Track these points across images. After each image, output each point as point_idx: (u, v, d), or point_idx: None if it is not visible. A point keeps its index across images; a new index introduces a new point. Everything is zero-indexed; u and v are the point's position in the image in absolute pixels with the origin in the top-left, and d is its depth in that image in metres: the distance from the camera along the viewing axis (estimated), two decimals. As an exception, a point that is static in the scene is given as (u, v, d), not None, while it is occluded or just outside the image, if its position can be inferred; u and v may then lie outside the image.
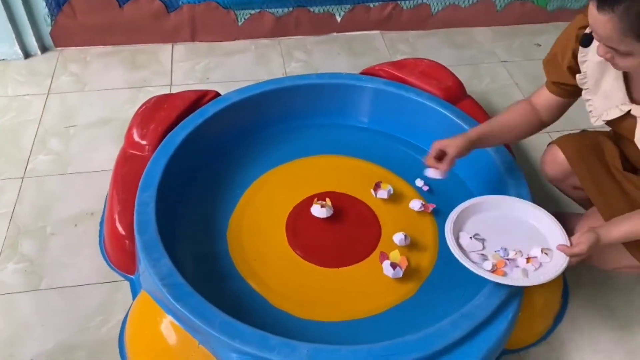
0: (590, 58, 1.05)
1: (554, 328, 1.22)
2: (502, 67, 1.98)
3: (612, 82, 1.03)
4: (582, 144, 1.20)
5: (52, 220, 1.39)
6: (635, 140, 1.03)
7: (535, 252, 1.10)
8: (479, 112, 1.52)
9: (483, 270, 1.07)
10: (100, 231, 1.37)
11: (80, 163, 1.54)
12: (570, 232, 1.11)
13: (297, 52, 2.00)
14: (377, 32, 2.11)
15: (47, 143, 1.60)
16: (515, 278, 1.07)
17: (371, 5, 2.04)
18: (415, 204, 1.35)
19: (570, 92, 1.13)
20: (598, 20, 0.86)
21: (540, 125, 1.19)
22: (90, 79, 1.84)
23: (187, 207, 1.34)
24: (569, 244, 1.08)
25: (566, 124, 1.34)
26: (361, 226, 1.34)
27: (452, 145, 1.14)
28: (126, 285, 1.26)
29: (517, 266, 1.09)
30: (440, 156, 1.16)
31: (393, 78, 1.57)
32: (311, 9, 2.02)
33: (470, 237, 1.13)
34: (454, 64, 1.90)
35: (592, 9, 0.87)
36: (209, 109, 1.43)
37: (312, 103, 1.54)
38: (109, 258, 1.31)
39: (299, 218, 1.33)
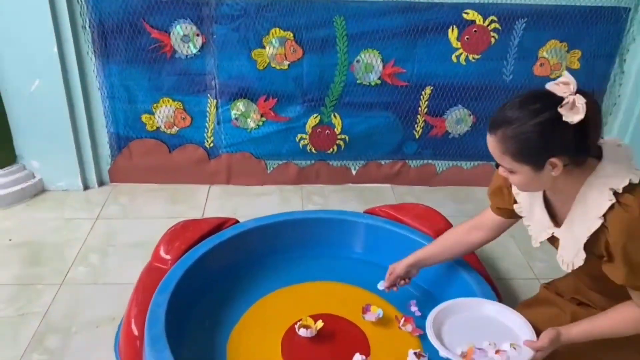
0: (519, 191, 1.24)
1: None
2: (499, 220, 2.17)
3: (539, 209, 1.21)
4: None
5: (78, 321, 1.57)
6: (557, 257, 1.18)
7: (505, 346, 1.24)
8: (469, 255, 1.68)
9: (454, 355, 1.21)
10: (117, 333, 1.53)
11: (113, 276, 1.76)
12: None
13: (315, 197, 2.28)
14: (388, 185, 2.39)
15: (87, 258, 1.84)
16: None
17: (382, 162, 2.35)
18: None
19: (512, 214, 1.31)
20: (489, 141, 1.07)
21: (480, 242, 1.41)
22: (135, 209, 2.14)
23: (195, 314, 1.50)
24: (535, 340, 1.20)
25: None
26: (351, 346, 1.44)
27: (397, 266, 1.45)
28: (131, 382, 1.39)
29: (486, 357, 1.22)
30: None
31: (391, 218, 1.78)
32: (330, 163, 2.34)
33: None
34: (454, 214, 2.10)
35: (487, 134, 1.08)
36: (227, 233, 1.66)
37: (317, 235, 1.76)
38: (121, 357, 1.45)
39: (294, 335, 1.46)
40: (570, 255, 1.15)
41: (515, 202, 1.28)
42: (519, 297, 1.76)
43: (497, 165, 1.13)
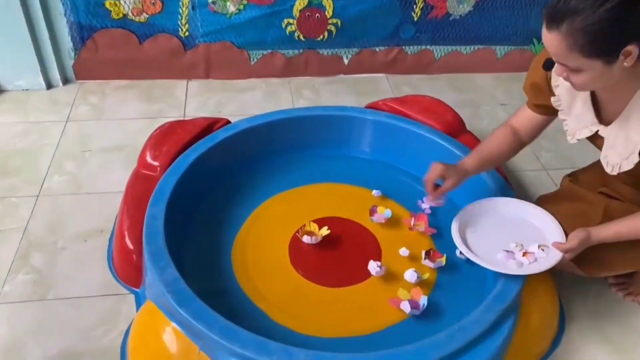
0: (561, 83, 1.13)
1: (550, 352, 1.23)
2: (501, 110, 2.06)
3: (582, 104, 1.11)
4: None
5: (63, 235, 1.44)
6: (601, 158, 1.10)
7: (533, 248, 1.19)
8: (477, 144, 1.58)
9: (480, 259, 1.17)
10: (109, 247, 1.41)
11: (93, 184, 1.61)
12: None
13: (305, 91, 2.10)
14: (383, 74, 2.22)
15: (62, 165, 1.67)
16: (510, 268, 1.16)
17: (377, 49, 2.15)
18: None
19: (551, 110, 1.20)
20: (547, 38, 0.93)
21: (521, 145, 1.28)
22: (107, 110, 1.93)
23: (194, 225, 1.39)
24: (564, 241, 1.15)
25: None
26: (361, 249, 1.37)
27: (449, 178, 1.23)
28: (131, 298, 1.29)
29: (514, 259, 1.17)
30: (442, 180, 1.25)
31: (395, 112, 1.65)
32: (320, 52, 2.13)
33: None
34: (456, 105, 1.97)
35: (543, 29, 0.93)
36: (219, 135, 1.50)
37: (317, 133, 1.62)
38: (116, 271, 1.35)
39: (301, 242, 1.37)
40: (618, 157, 1.05)
41: (553, 94, 1.16)
42: (529, 190, 1.69)
43: (548, 66, 1.00)
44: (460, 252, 1.29)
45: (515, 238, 1.22)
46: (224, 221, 1.42)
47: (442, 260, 1.31)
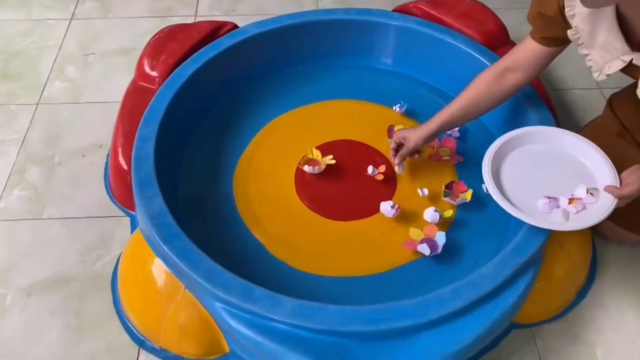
0: (578, 11, 0.91)
1: (575, 304, 1.11)
2: (558, 12, 1.77)
3: (607, 32, 0.89)
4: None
5: (60, 149, 1.36)
6: (637, 91, 0.90)
7: (580, 192, 0.99)
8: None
9: (515, 208, 0.99)
10: (106, 164, 1.33)
11: (94, 93, 1.50)
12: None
13: (332, -14, 1.86)
14: (423, -33, 1.92)
15: (64, 70, 1.56)
16: (553, 221, 0.97)
17: (417, -64, 1.85)
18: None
19: (563, 41, 1.00)
20: None
21: (516, 87, 1.08)
22: (115, 6, 1.77)
23: (193, 146, 1.28)
24: (618, 185, 0.97)
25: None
26: (373, 180, 1.24)
27: (411, 138, 1.13)
28: (126, 221, 1.23)
29: (558, 206, 0.99)
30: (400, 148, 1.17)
31: (428, 17, 1.42)
32: (351, -61, 1.85)
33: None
34: (503, 7, 1.72)
35: None
36: (224, 42, 1.34)
37: (335, 41, 1.43)
38: (112, 192, 1.28)
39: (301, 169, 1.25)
40: None
41: (569, 26, 0.94)
42: (576, 113, 1.48)
43: None
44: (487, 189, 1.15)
45: (559, 179, 1.03)
46: (226, 142, 1.30)
47: (467, 196, 1.16)
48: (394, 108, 1.35)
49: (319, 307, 0.91)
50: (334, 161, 1.22)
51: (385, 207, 1.14)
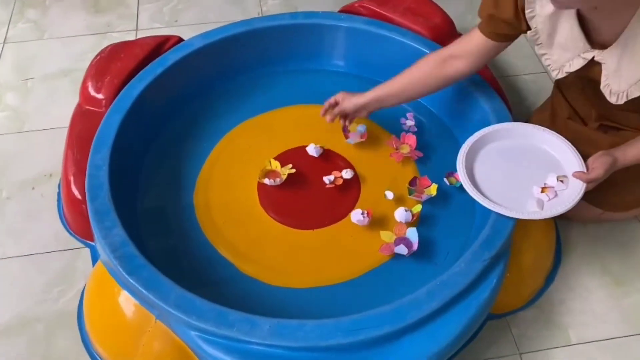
0: (538, 12, 0.95)
1: (544, 290, 1.13)
2: (499, 0, 1.80)
3: (568, 32, 0.93)
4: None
5: (8, 183, 1.30)
6: (602, 87, 0.93)
7: (551, 180, 1.03)
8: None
9: (495, 204, 1.01)
10: (59, 195, 1.28)
11: (38, 119, 1.43)
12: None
13: (274, -12, 1.83)
14: (363, -37, 1.92)
15: (3, 98, 1.48)
16: (529, 211, 1.00)
17: None
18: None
19: (512, 37, 1.04)
20: None
21: (459, 75, 1.11)
22: (50, 26, 1.69)
23: (148, 168, 1.23)
24: (585, 170, 1.00)
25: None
26: (341, 190, 1.22)
27: (346, 100, 1.17)
28: (86, 252, 1.18)
29: (532, 196, 1.02)
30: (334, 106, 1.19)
31: (375, 16, 1.42)
32: (289, -61, 1.83)
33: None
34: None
35: None
36: (170, 57, 1.29)
37: (284, 47, 1.41)
38: (68, 224, 1.23)
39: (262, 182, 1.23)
40: (625, 84, 0.89)
41: (529, 27, 0.97)
42: (527, 98, 1.51)
43: None
44: (448, 178, 1.16)
45: (529, 171, 1.06)
46: (183, 160, 1.26)
47: (432, 191, 1.17)
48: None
49: (297, 325, 0.89)
50: (293, 170, 1.20)
51: (357, 216, 1.12)
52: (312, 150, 1.23)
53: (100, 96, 1.26)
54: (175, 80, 1.29)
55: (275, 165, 1.21)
